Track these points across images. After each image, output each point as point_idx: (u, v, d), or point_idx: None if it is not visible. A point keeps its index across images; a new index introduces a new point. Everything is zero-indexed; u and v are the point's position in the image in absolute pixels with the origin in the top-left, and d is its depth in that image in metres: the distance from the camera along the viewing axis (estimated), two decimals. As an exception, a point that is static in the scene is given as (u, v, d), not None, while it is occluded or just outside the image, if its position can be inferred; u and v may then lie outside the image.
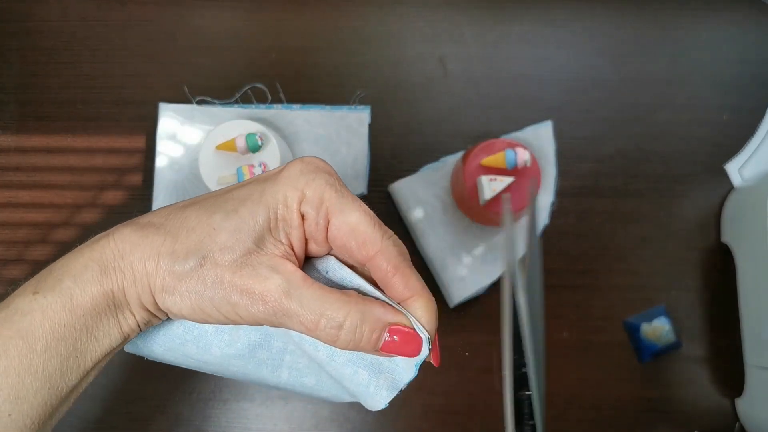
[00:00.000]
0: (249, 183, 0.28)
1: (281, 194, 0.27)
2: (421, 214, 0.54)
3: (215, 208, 0.27)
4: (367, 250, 0.27)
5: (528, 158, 0.51)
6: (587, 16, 0.59)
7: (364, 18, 0.59)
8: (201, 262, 0.26)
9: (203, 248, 0.26)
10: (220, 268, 0.26)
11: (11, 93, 0.58)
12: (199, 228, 0.27)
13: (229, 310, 0.26)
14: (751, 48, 0.59)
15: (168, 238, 0.27)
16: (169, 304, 0.27)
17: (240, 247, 0.26)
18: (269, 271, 0.26)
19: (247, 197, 0.27)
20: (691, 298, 0.55)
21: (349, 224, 0.27)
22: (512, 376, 0.31)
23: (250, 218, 0.27)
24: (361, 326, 0.26)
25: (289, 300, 0.26)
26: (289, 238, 0.28)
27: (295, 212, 0.27)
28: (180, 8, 0.59)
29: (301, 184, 0.27)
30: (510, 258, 0.33)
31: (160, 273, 0.27)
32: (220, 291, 0.26)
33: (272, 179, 0.28)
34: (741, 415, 0.52)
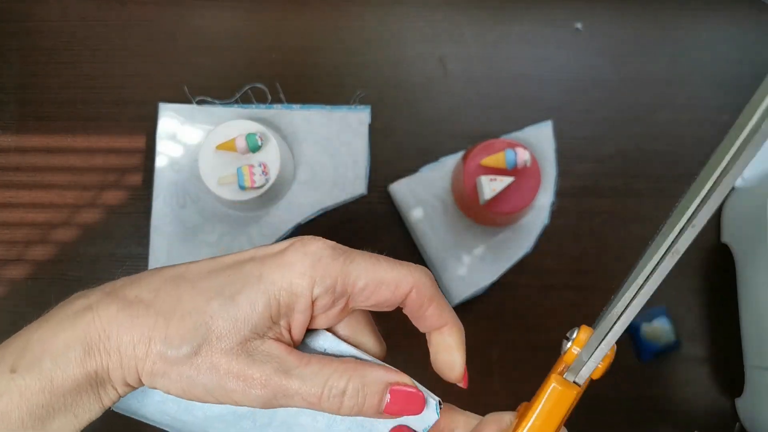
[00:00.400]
0: (247, 262, 0.27)
1: (285, 282, 0.26)
2: (421, 214, 0.54)
3: (212, 293, 0.26)
4: (401, 290, 0.27)
5: (528, 158, 0.51)
6: (587, 16, 0.59)
7: (364, 18, 0.59)
8: (197, 350, 0.26)
9: (199, 336, 0.26)
10: (216, 356, 0.26)
11: (11, 93, 0.58)
12: (195, 314, 0.26)
13: (223, 395, 0.26)
14: (751, 48, 0.59)
15: (159, 321, 0.26)
16: (158, 386, 0.26)
17: (238, 335, 0.26)
18: (264, 356, 0.26)
19: (245, 282, 0.26)
20: (691, 298, 0.55)
21: (375, 279, 0.27)
22: None
23: (248, 308, 0.26)
24: (363, 390, 0.26)
25: (289, 379, 0.26)
26: (290, 324, 0.27)
27: (306, 298, 0.26)
28: (180, 8, 0.59)
29: (308, 269, 0.26)
30: None
31: (151, 358, 0.26)
32: (215, 378, 0.26)
33: (271, 262, 0.27)
34: (741, 415, 0.52)
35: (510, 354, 0.54)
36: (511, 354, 0.54)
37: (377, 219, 0.56)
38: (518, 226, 0.55)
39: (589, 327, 0.29)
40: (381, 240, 0.55)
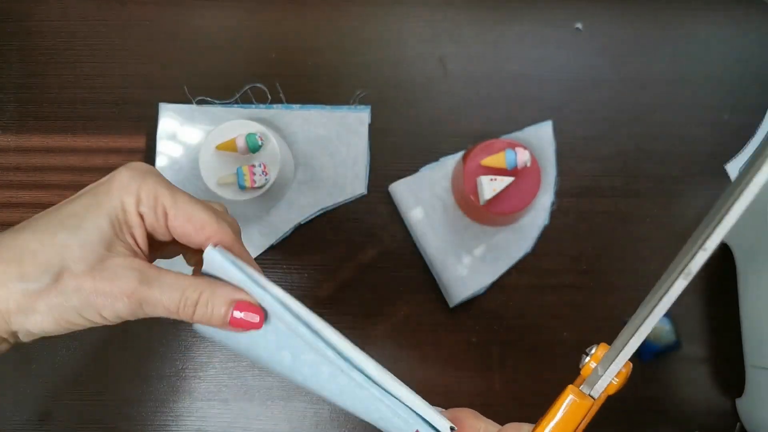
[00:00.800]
0: (81, 196, 0.31)
1: (118, 201, 0.30)
2: (421, 214, 0.54)
3: (56, 228, 0.29)
4: (204, 232, 0.31)
5: (528, 158, 0.51)
6: (587, 16, 0.59)
7: (364, 18, 0.59)
8: (57, 276, 0.28)
9: (57, 264, 0.28)
10: (79, 277, 0.28)
11: (11, 93, 0.58)
12: (46, 249, 0.28)
13: (93, 314, 0.29)
14: (751, 48, 0.59)
15: (11, 265, 0.28)
16: (29, 325, 0.29)
17: (93, 256, 0.29)
18: (126, 270, 0.29)
19: (86, 211, 0.30)
20: (691, 298, 0.55)
21: (185, 212, 0.31)
22: None
23: (95, 229, 0.29)
24: (212, 301, 0.30)
25: (150, 289, 0.29)
26: (134, 238, 0.31)
27: (135, 215, 0.30)
28: (180, 8, 0.59)
29: (134, 189, 0.30)
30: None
31: (13, 297, 0.28)
32: (82, 297, 0.28)
33: (104, 189, 0.30)
34: (741, 415, 0.52)
35: (510, 354, 0.54)
36: (511, 354, 0.54)
37: (377, 219, 0.56)
38: (518, 226, 0.55)
39: (607, 344, 0.31)
40: (381, 240, 0.55)
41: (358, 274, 0.55)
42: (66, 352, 0.54)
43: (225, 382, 0.53)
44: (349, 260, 0.54)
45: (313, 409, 0.53)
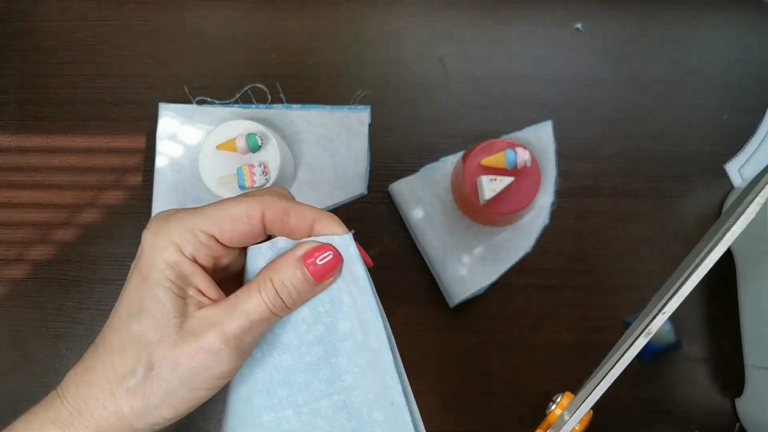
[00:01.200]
0: (130, 279, 0.29)
1: (160, 263, 0.28)
2: (421, 214, 0.54)
3: (124, 321, 0.28)
4: (253, 217, 0.28)
5: (528, 158, 0.51)
6: (587, 16, 0.59)
7: (364, 18, 0.59)
8: (148, 365, 0.27)
9: (143, 354, 0.27)
10: (168, 354, 0.27)
11: (11, 93, 0.58)
12: (127, 343, 0.28)
13: (203, 380, 0.27)
14: (751, 48, 0.59)
15: (108, 369, 0.28)
16: (151, 419, 0.28)
17: (169, 331, 0.27)
18: (205, 322, 0.27)
19: (138, 290, 0.28)
20: (691, 298, 0.55)
21: (225, 219, 0.28)
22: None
23: (156, 305, 0.27)
24: (289, 277, 0.28)
25: (237, 319, 0.27)
26: (197, 287, 0.28)
27: (185, 262, 0.28)
28: (180, 8, 0.59)
29: (165, 241, 0.28)
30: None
31: (122, 401, 0.27)
32: (183, 371, 0.27)
33: (141, 262, 0.28)
34: (741, 415, 0.52)
35: (510, 354, 0.54)
36: (511, 354, 0.54)
37: (377, 219, 0.56)
38: (518, 226, 0.55)
39: (571, 393, 0.33)
40: (381, 240, 0.55)
41: (358, 274, 0.55)
42: (66, 352, 0.54)
43: (225, 382, 0.53)
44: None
45: (313, 409, 0.53)
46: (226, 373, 0.28)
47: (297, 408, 0.32)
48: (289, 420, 0.32)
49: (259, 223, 0.28)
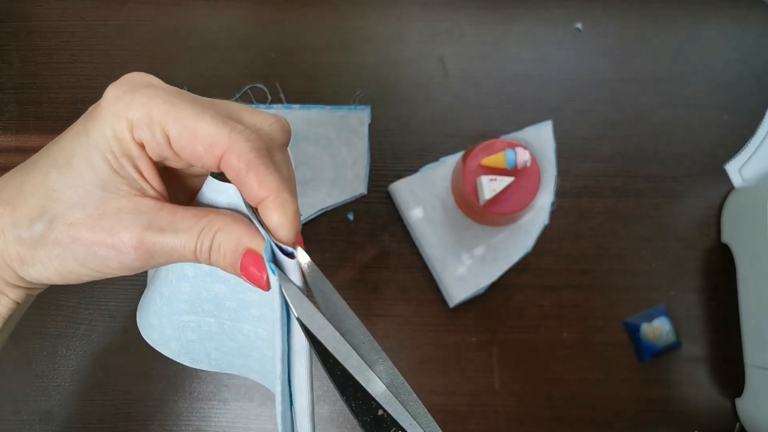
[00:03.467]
0: (74, 125, 0.26)
1: (108, 129, 0.24)
2: (421, 214, 0.54)
3: (48, 165, 0.25)
4: (215, 150, 0.24)
5: (528, 158, 0.51)
6: (587, 16, 0.59)
7: (364, 18, 0.59)
8: (50, 225, 0.24)
9: (48, 211, 0.24)
10: (74, 227, 0.24)
11: (11, 93, 0.58)
12: (37, 191, 0.25)
13: (98, 264, 0.25)
14: (751, 48, 0.59)
15: (7, 208, 0.25)
16: (34, 274, 0.26)
17: (88, 200, 0.24)
18: (129, 215, 0.24)
19: (74, 143, 0.25)
20: (691, 298, 0.55)
21: (188, 129, 0.24)
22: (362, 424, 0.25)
23: (86, 167, 0.24)
24: (224, 245, 0.25)
25: (161, 236, 0.24)
26: (140, 172, 0.25)
27: (131, 143, 0.24)
28: (180, 8, 0.59)
29: (122, 111, 0.24)
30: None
31: (11, 245, 0.25)
32: (82, 248, 0.24)
33: (93, 115, 0.25)
34: (741, 415, 0.52)
35: (510, 354, 0.54)
36: (511, 354, 0.54)
37: (377, 219, 0.56)
38: (518, 226, 0.55)
39: None
40: (381, 240, 0.55)
41: (358, 274, 0.55)
42: (66, 352, 0.54)
43: (225, 382, 0.53)
44: (349, 260, 0.54)
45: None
46: (122, 271, 0.25)
47: (220, 320, 0.31)
48: (210, 325, 0.31)
49: (215, 160, 0.24)
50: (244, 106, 0.27)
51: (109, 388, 0.53)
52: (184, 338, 0.32)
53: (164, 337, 0.32)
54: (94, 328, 0.54)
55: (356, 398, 0.24)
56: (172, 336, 0.32)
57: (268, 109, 0.56)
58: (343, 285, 0.55)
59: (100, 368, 0.54)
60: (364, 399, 0.24)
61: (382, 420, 0.24)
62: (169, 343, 0.32)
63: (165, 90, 0.25)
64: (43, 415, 0.53)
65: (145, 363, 0.54)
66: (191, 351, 0.33)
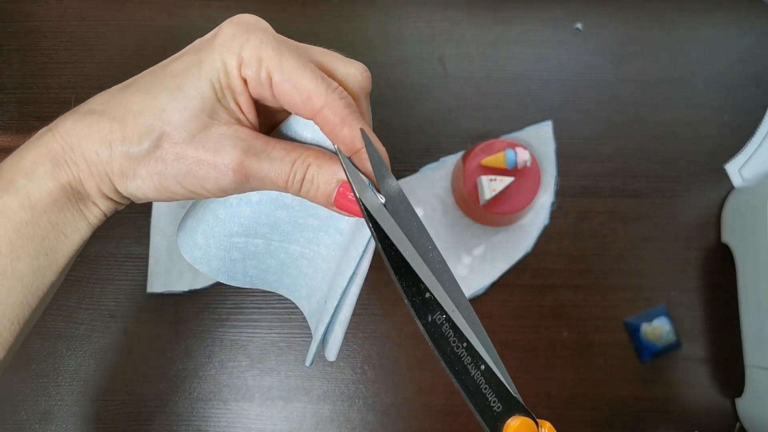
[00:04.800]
0: (186, 54, 0.28)
1: (219, 62, 0.26)
2: (421, 214, 0.54)
3: (158, 88, 0.27)
4: (312, 104, 0.26)
5: (528, 158, 0.51)
6: (587, 16, 0.59)
7: (364, 18, 0.59)
8: (157, 142, 0.26)
9: (156, 129, 0.26)
10: (179, 145, 0.26)
11: (11, 93, 0.58)
12: (147, 111, 0.26)
13: (195, 184, 0.27)
14: (751, 48, 0.59)
15: (115, 125, 0.26)
16: (132, 189, 0.27)
17: (194, 123, 0.26)
18: (231, 140, 0.26)
19: (187, 71, 0.27)
20: (691, 298, 0.55)
21: (291, 80, 0.26)
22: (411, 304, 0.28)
23: (196, 93, 0.26)
24: (318, 178, 0.27)
25: (259, 162, 0.26)
26: (239, 104, 0.27)
27: (237, 78, 0.27)
28: (180, 8, 0.59)
29: (236, 48, 0.26)
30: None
31: (116, 159, 0.26)
32: (183, 167, 0.26)
33: (207, 48, 0.27)
34: (741, 415, 0.52)
35: (510, 354, 0.54)
36: (511, 354, 0.54)
37: (377, 219, 0.56)
38: (518, 226, 0.55)
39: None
40: (381, 240, 0.55)
41: (358, 274, 0.55)
42: (66, 352, 0.54)
43: (225, 382, 0.53)
44: (349, 260, 0.55)
45: (313, 409, 0.53)
46: (218, 191, 0.27)
47: (269, 241, 0.33)
48: (256, 245, 0.33)
49: (311, 111, 0.27)
50: (337, 55, 0.30)
51: (109, 388, 0.53)
52: (228, 258, 0.33)
53: (207, 256, 0.33)
54: (94, 328, 0.54)
55: (407, 279, 0.28)
56: (216, 255, 0.33)
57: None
58: (343, 285, 0.55)
59: (100, 368, 0.54)
60: (414, 281, 0.28)
61: (429, 302, 0.28)
62: (211, 261, 0.33)
63: (275, 37, 0.27)
64: (43, 415, 0.53)
65: (145, 363, 0.54)
66: (231, 269, 0.34)
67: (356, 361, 0.54)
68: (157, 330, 0.54)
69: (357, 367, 0.53)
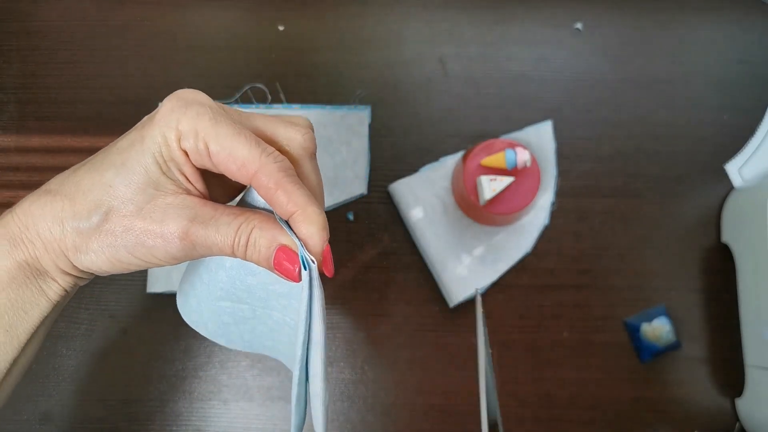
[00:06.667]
0: (132, 131, 0.30)
1: (160, 137, 0.28)
2: (421, 214, 0.54)
3: (105, 165, 0.28)
4: (246, 170, 0.27)
5: (528, 158, 0.51)
6: (587, 16, 0.59)
7: (364, 18, 0.59)
8: (105, 217, 0.28)
9: (104, 204, 0.28)
10: (127, 218, 0.28)
11: (11, 93, 0.58)
12: (95, 187, 0.28)
13: (145, 253, 0.28)
14: (751, 48, 0.59)
15: (66, 202, 0.28)
16: (87, 263, 0.29)
17: (140, 195, 0.28)
18: (177, 209, 0.28)
19: (131, 147, 0.28)
20: (691, 298, 0.55)
21: (226, 148, 0.27)
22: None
23: (140, 168, 0.28)
24: (259, 241, 0.28)
25: (204, 229, 0.28)
26: (184, 174, 0.29)
27: (177, 150, 0.28)
28: (180, 8, 0.59)
29: (174, 122, 0.28)
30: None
31: (69, 235, 0.28)
32: (132, 238, 0.28)
33: (149, 124, 0.29)
34: (741, 415, 0.52)
35: (510, 354, 0.54)
36: (511, 354, 0.54)
37: (377, 219, 0.56)
38: (518, 226, 0.55)
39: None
40: (381, 240, 0.55)
41: (358, 274, 0.55)
42: (66, 352, 0.54)
43: (225, 382, 0.53)
44: (349, 260, 0.54)
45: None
46: (169, 259, 0.28)
47: (252, 307, 0.34)
48: (243, 311, 0.34)
49: (247, 177, 0.28)
50: (281, 118, 0.31)
51: (109, 388, 0.53)
52: (221, 321, 0.34)
53: (203, 320, 0.34)
54: (94, 328, 0.54)
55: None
56: (210, 319, 0.34)
57: (268, 109, 0.57)
58: (343, 285, 0.55)
59: (100, 368, 0.54)
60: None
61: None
62: (207, 324, 0.34)
63: (212, 108, 0.29)
64: (43, 415, 0.53)
65: (145, 363, 0.54)
66: (227, 333, 0.35)
67: (356, 361, 0.54)
68: (157, 330, 0.54)
69: (357, 367, 0.53)
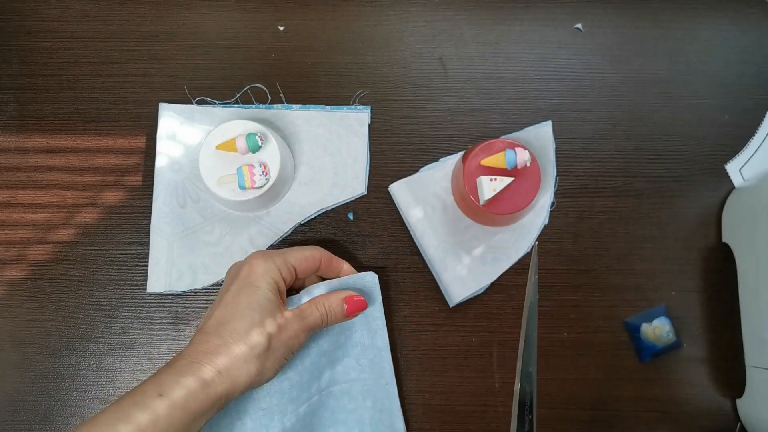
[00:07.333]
0: (237, 292, 0.44)
1: (269, 279, 0.44)
2: (421, 214, 0.54)
3: (246, 312, 0.42)
4: (317, 259, 0.48)
5: (528, 158, 0.51)
6: (587, 16, 0.59)
7: (364, 18, 0.59)
8: (268, 340, 0.42)
9: (263, 333, 0.42)
10: (276, 334, 0.42)
11: (11, 93, 0.58)
12: (252, 328, 0.41)
13: (289, 354, 0.44)
14: (751, 48, 0.59)
15: (240, 343, 0.41)
16: (263, 379, 0.42)
17: (276, 318, 0.43)
18: (293, 319, 0.44)
19: (248, 296, 0.43)
20: (691, 298, 0.55)
21: (299, 260, 0.46)
22: (520, 373, 0.41)
23: (267, 303, 0.43)
24: (332, 306, 0.46)
25: (306, 320, 0.45)
26: (283, 297, 0.46)
27: (281, 282, 0.45)
28: (180, 8, 0.59)
29: (272, 267, 0.44)
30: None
31: (251, 364, 0.41)
32: (283, 345, 0.43)
33: (249, 275, 0.44)
34: (742, 415, 0.52)
35: (510, 354, 0.54)
36: (511, 354, 0.54)
37: (377, 219, 0.56)
38: (518, 226, 0.55)
39: None
40: (381, 240, 0.55)
41: (358, 274, 0.55)
42: (66, 351, 0.54)
43: (225, 382, 0.53)
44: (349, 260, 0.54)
45: (313, 409, 0.53)
46: (298, 349, 0.44)
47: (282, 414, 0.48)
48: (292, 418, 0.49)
49: (318, 263, 0.47)
50: (296, 248, 0.49)
51: (109, 388, 0.53)
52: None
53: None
54: (94, 328, 0.54)
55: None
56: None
57: (268, 110, 0.57)
58: (343, 285, 0.54)
59: (100, 368, 0.54)
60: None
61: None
62: None
63: (276, 253, 0.46)
64: (43, 415, 0.53)
65: (145, 363, 0.54)
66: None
67: (356, 361, 0.53)
68: (157, 330, 0.54)
69: (357, 367, 0.53)
